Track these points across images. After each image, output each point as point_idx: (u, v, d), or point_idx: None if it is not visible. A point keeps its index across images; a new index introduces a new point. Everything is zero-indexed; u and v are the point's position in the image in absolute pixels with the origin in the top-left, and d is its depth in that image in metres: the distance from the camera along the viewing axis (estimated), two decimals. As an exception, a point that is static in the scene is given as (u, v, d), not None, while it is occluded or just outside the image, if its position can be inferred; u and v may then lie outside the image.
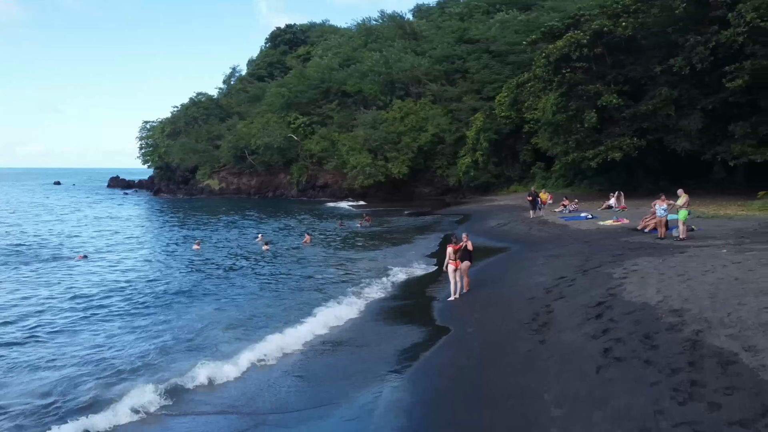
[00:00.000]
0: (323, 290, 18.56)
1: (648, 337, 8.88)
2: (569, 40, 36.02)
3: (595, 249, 18.94)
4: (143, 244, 31.61)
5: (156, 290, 19.01)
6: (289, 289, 18.97)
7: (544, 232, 26.12)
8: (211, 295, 18.27)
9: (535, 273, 16.07)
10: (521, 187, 56.91)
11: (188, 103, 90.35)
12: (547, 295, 12.91)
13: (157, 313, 15.86)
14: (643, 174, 42.69)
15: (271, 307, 16.36)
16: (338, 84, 74.84)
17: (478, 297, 14.97)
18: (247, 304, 16.94)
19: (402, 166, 63.07)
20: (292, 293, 18.26)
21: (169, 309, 16.32)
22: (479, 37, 71.14)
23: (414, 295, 17.10)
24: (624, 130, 36.85)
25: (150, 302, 17.28)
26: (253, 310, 16.13)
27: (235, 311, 15.99)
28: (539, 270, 16.47)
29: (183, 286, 19.72)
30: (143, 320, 15.04)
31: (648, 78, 37.24)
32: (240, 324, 14.54)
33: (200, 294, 18.37)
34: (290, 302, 16.84)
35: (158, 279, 21.11)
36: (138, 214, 53.27)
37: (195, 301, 17.31)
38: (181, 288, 19.31)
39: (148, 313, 15.88)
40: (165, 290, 19.00)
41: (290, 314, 15.19)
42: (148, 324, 14.65)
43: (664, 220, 20.26)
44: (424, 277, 19.84)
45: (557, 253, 19.36)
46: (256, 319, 15.07)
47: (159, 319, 15.12)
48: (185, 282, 20.47)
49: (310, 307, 15.80)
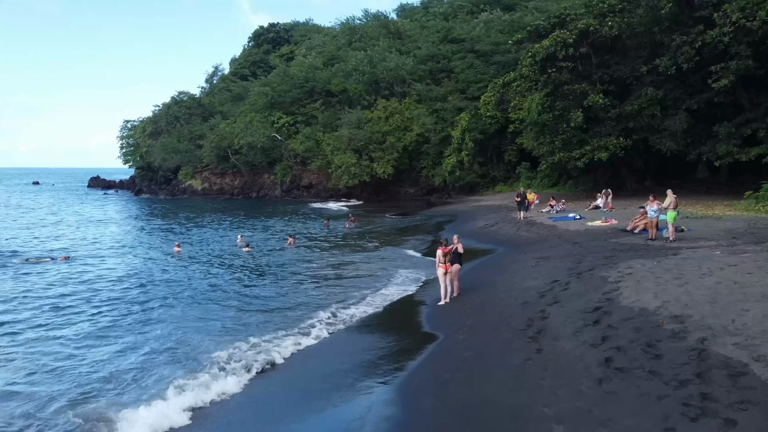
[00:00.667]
0: (304, 296, 18.02)
1: (650, 345, 8.50)
2: (555, 39, 35.80)
3: (586, 250, 18.63)
4: (123, 247, 30.75)
5: (135, 298, 18.32)
6: (269, 296, 18.32)
7: (532, 233, 25.80)
8: (189, 303, 17.59)
9: (527, 276, 15.68)
10: (507, 187, 56.85)
11: (170, 102, 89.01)
12: (541, 300, 12.50)
13: (134, 323, 15.16)
14: (628, 174, 42.74)
15: (248, 317, 15.68)
16: (322, 83, 74.18)
17: (469, 301, 14.53)
18: (222, 313, 16.15)
19: (387, 166, 62.62)
20: (271, 301, 17.61)
21: (148, 318, 15.63)
22: (464, 37, 70.97)
23: (401, 300, 16.61)
24: (610, 130, 36.76)
25: (128, 309, 16.62)
26: (225, 321, 15.33)
27: (213, 320, 15.33)
28: (531, 273, 16.09)
29: (161, 292, 19.03)
30: (124, 331, 14.38)
31: (633, 78, 37.19)
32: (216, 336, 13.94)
33: (177, 302, 17.66)
34: (270, 312, 16.13)
35: (136, 285, 20.38)
36: (117, 215, 52.16)
37: (172, 310, 16.58)
38: (157, 295, 18.62)
39: (127, 323, 15.19)
40: (143, 296, 18.35)
41: (269, 325, 14.46)
42: (129, 334, 14.00)
43: (655, 221, 20.02)
44: (412, 281, 19.37)
45: (547, 255, 19.01)
46: (229, 331, 14.36)
47: (137, 329, 14.45)
48: (164, 288, 19.79)
49: (291, 317, 15.25)
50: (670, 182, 43.34)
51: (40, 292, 18.71)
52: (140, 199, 76.35)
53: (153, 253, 28.65)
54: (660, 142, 36.24)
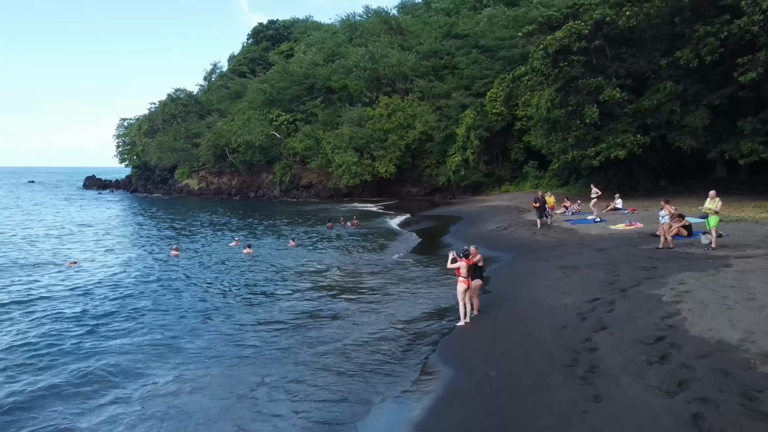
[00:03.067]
0: (303, 305, 16.12)
1: (750, 398, 6.52)
2: (569, 30, 33.80)
3: (617, 259, 16.64)
4: (113, 251, 28.74)
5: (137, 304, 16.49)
6: (268, 309, 16.40)
7: (549, 238, 23.80)
8: (193, 314, 15.72)
9: (556, 289, 13.69)
10: (513, 186, 54.95)
11: (166, 100, 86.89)
12: (582, 324, 10.51)
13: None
14: (642, 173, 40.74)
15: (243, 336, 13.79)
16: (322, 80, 72.13)
17: (492, 322, 12.52)
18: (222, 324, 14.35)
19: (389, 165, 60.61)
20: (267, 313, 15.69)
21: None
22: (467, 33, 69.07)
23: (414, 319, 14.61)
24: (626, 127, 34.79)
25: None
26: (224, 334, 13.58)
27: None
28: (559, 286, 14.10)
29: (163, 301, 17.22)
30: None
31: (651, 71, 35.20)
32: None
33: (183, 310, 15.83)
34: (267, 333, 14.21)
35: (137, 292, 18.54)
36: (100, 216, 50.11)
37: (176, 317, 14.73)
38: (159, 304, 16.80)
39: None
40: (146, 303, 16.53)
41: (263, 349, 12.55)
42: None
43: (666, 228, 18.14)
44: (425, 296, 17.30)
45: (573, 264, 17.03)
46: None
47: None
48: (166, 296, 17.95)
49: (292, 330, 13.33)
50: (687, 182, 41.56)
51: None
52: (134, 199, 74.14)
53: (150, 253, 26.70)
54: (679, 140, 34.25)
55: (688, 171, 41.57)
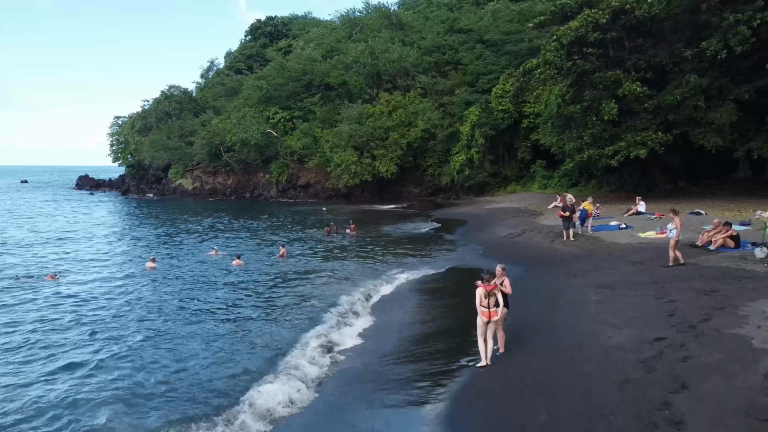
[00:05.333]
0: (284, 332, 13.71)
1: None
2: (585, 20, 31.29)
3: (661, 277, 14.15)
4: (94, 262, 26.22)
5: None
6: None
7: (571, 247, 21.30)
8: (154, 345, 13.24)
9: (600, 320, 11.17)
10: (519, 186, 52.52)
11: (160, 97, 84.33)
12: (650, 377, 7.99)
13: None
14: (660, 173, 38.25)
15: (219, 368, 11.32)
16: (321, 76, 69.53)
17: (524, 364, 9.95)
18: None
19: (390, 164, 58.05)
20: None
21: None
22: (471, 27, 66.51)
23: (420, 357, 12.03)
24: (646, 124, 32.31)
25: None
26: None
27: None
28: (601, 314, 11.59)
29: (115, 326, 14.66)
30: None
31: (673, 64, 32.70)
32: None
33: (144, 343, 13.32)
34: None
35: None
36: (98, 219, 47.58)
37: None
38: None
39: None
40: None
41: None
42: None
43: (674, 243, 15.71)
44: (434, 328, 14.67)
45: (608, 282, 14.54)
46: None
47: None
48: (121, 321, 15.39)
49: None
50: (707, 182, 39.07)
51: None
52: (125, 200, 71.57)
53: (121, 266, 24.17)
54: (703, 137, 31.76)
55: (708, 171, 39.08)
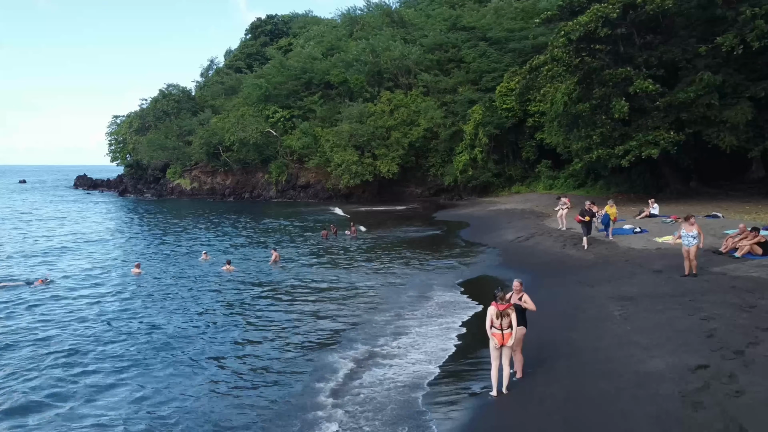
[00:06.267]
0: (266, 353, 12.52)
1: None
2: (595, 14, 30.07)
3: (689, 288, 12.99)
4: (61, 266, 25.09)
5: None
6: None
7: (585, 252, 20.10)
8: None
9: (629, 341, 9.99)
10: (524, 187, 51.41)
11: (158, 96, 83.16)
12: (698, 416, 6.82)
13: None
14: (671, 173, 37.04)
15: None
16: (321, 74, 68.37)
17: (546, 397, 8.73)
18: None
19: (392, 164, 56.84)
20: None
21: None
22: (474, 25, 65.32)
23: (417, 380, 10.85)
24: (658, 122, 31.10)
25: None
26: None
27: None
28: (629, 334, 10.41)
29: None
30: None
31: (686, 60, 31.51)
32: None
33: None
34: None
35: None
36: (94, 220, 46.46)
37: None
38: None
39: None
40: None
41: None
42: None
43: (692, 252, 14.48)
44: (439, 341, 13.49)
45: (630, 294, 13.38)
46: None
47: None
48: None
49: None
50: (719, 183, 37.85)
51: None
52: (122, 201, 70.42)
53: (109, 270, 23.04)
54: (717, 137, 30.57)
55: (719, 171, 37.90)
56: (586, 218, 20.70)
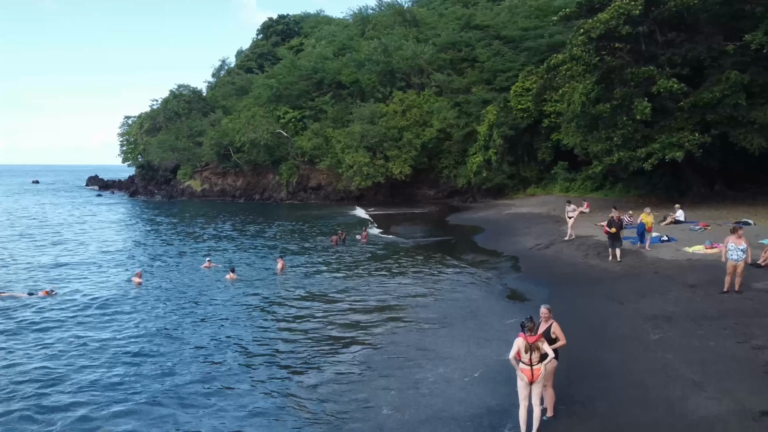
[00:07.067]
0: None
1: None
2: (617, 11, 28.89)
3: (728, 306, 11.97)
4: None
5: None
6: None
7: (610, 263, 18.97)
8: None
9: (668, 370, 8.97)
10: (539, 189, 50.22)
11: (168, 97, 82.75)
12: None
13: None
14: (694, 176, 35.71)
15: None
16: (332, 74, 67.45)
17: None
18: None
19: (404, 165, 55.81)
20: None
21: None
22: (487, 24, 64.15)
23: (440, 421, 9.76)
24: (682, 124, 29.92)
25: None
26: None
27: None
28: (673, 363, 9.37)
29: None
30: None
31: (711, 59, 30.25)
32: None
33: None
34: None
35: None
36: (105, 220, 45.89)
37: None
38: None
39: None
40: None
41: None
42: None
43: (740, 268, 13.24)
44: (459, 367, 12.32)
45: (665, 312, 12.30)
46: None
47: None
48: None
49: None
50: (743, 186, 36.47)
51: None
52: (132, 203, 70.02)
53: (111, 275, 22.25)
54: (744, 138, 29.33)
55: (743, 173, 36.52)
56: (613, 230, 19.15)
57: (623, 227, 20.17)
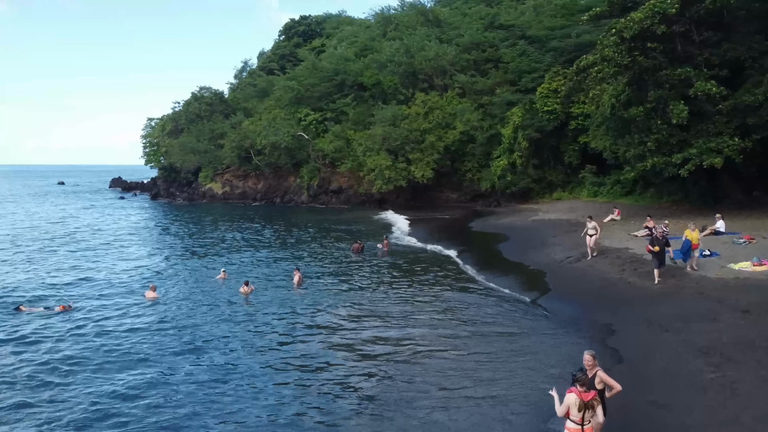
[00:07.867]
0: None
1: None
2: (651, 10, 27.47)
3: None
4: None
5: None
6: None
7: (647, 281, 17.70)
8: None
9: (733, 426, 7.79)
10: (566, 193, 48.73)
11: (190, 99, 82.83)
12: None
13: None
14: (731, 182, 34.01)
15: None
16: (354, 76, 66.64)
17: None
18: None
19: (426, 168, 54.73)
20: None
21: None
22: (512, 23, 62.79)
23: None
24: (721, 128, 28.32)
25: None
26: None
27: None
28: (729, 408, 8.22)
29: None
30: None
31: (751, 59, 28.65)
32: None
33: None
34: None
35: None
36: (123, 226, 45.67)
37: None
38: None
39: None
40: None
41: None
42: None
43: None
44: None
45: (717, 343, 11.11)
46: None
47: None
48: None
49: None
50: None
51: None
52: (154, 206, 70.04)
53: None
54: (787, 143, 27.69)
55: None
56: (656, 248, 17.33)
57: (668, 244, 18.25)
